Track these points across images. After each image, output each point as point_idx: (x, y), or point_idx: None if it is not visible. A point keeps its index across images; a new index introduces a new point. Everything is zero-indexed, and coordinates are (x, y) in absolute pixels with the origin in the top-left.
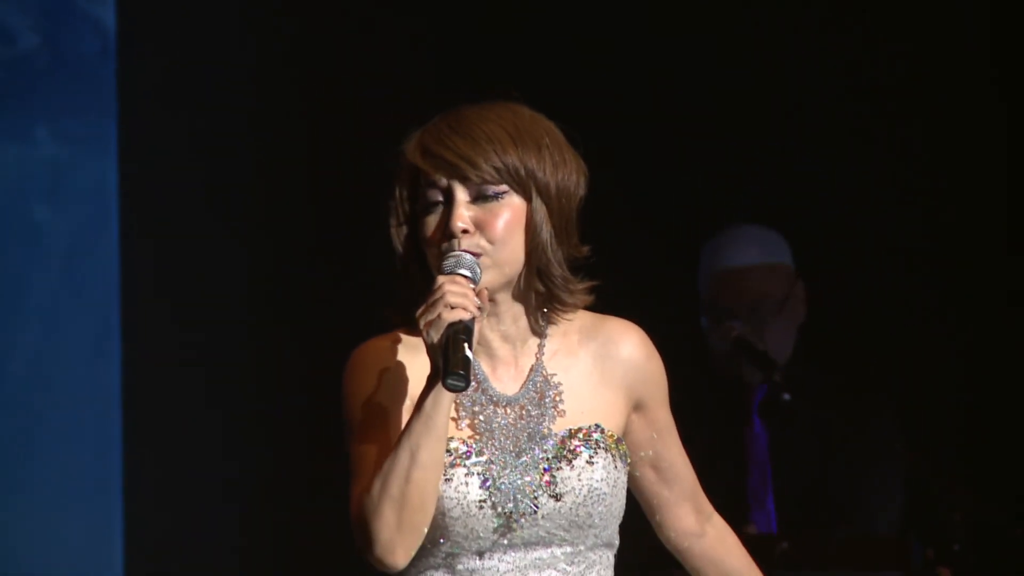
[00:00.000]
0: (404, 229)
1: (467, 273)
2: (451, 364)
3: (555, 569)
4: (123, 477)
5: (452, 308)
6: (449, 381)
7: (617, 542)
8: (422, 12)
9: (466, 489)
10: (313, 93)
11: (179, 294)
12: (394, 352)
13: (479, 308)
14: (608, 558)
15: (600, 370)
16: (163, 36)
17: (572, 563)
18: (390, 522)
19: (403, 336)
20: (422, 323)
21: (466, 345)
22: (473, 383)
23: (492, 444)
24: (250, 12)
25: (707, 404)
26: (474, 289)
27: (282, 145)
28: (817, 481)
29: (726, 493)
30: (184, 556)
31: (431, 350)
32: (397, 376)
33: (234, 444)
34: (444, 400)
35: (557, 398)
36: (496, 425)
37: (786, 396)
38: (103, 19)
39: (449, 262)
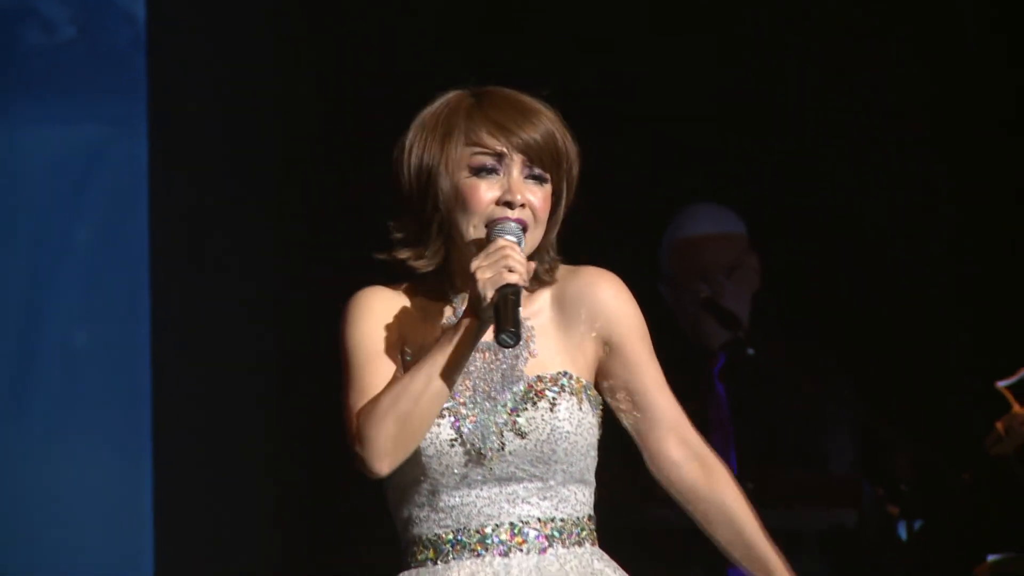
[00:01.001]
0: (450, 184)
1: (517, 240)
2: (506, 322)
3: (528, 503)
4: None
5: (510, 271)
6: (503, 337)
7: (592, 480)
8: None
9: (438, 429)
10: (330, 79)
11: (205, 258)
12: (394, 297)
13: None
14: (582, 494)
15: (570, 314)
16: (188, 27)
17: (544, 498)
18: (391, 433)
19: (396, 288)
20: (479, 276)
21: (519, 306)
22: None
23: (465, 386)
24: (270, 2)
25: (670, 370)
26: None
27: (300, 122)
28: (775, 431)
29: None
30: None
31: (478, 300)
32: (397, 318)
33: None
34: (471, 342)
35: (529, 340)
36: (472, 368)
37: (750, 351)
38: (134, 12)
39: (502, 227)
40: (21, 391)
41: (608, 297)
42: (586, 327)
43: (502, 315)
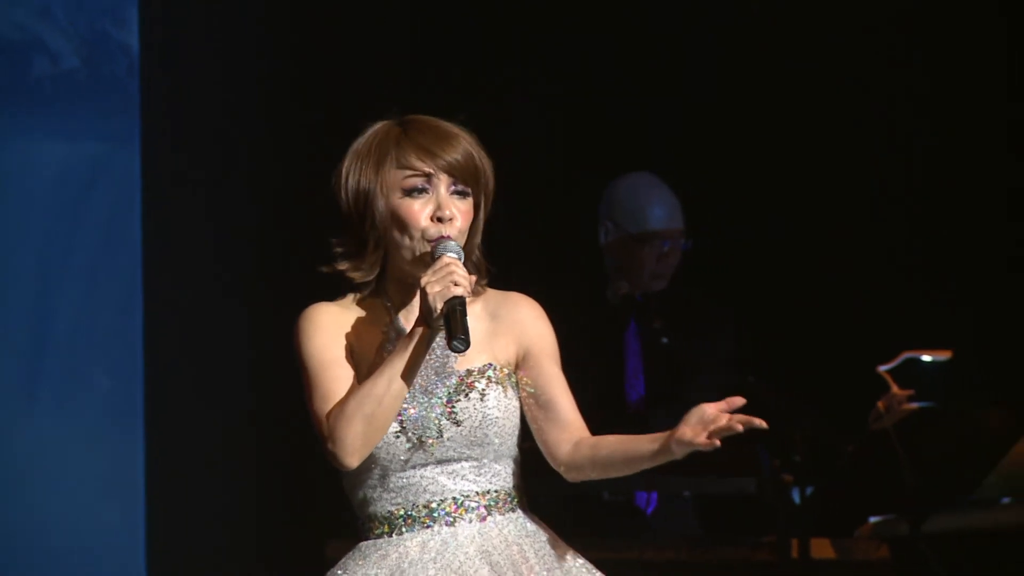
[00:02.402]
0: (384, 206)
1: (458, 256)
2: (457, 330)
3: (466, 479)
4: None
5: (456, 284)
6: (455, 343)
7: (517, 454)
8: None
9: None
10: (313, 100)
11: (192, 258)
12: (340, 311)
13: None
14: (511, 468)
15: (496, 325)
16: (176, 57)
17: (479, 473)
18: (359, 432)
19: (344, 300)
20: (429, 290)
21: (465, 315)
22: (393, 333)
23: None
24: (248, 34)
25: (599, 312)
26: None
27: (279, 138)
28: (668, 374)
29: (609, 375)
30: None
31: (429, 312)
32: (346, 328)
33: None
34: (425, 348)
35: None
36: None
37: (664, 340)
38: (129, 44)
39: (445, 245)
40: (30, 384)
41: (530, 318)
42: (510, 339)
43: (453, 324)
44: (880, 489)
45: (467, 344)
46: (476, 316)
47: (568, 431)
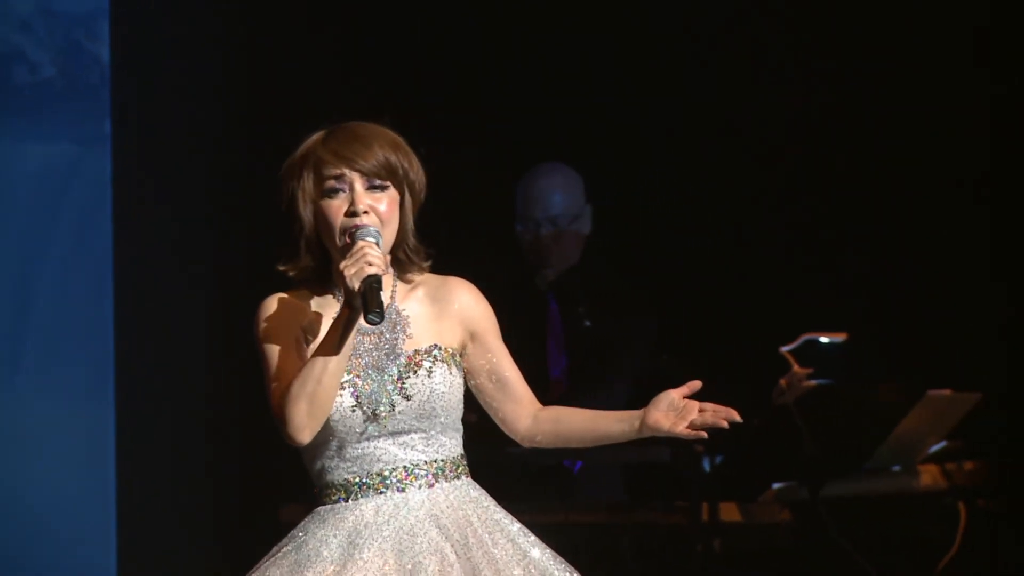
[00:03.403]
0: (310, 208)
1: (375, 240)
2: (372, 304)
3: (415, 449)
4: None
5: (371, 264)
6: (370, 317)
7: (461, 426)
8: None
9: (341, 398)
10: (268, 106)
11: (157, 250)
12: (293, 301)
13: (382, 266)
14: (456, 439)
15: (439, 309)
16: (143, 67)
17: (428, 444)
18: (303, 410)
19: (296, 292)
20: (346, 272)
21: (379, 290)
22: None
23: (358, 363)
24: (209, 45)
25: (522, 290)
26: (379, 249)
27: (237, 142)
28: (590, 354)
29: (532, 348)
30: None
31: (350, 293)
32: (298, 316)
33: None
34: (352, 327)
35: (406, 325)
36: (362, 349)
37: (587, 323)
38: (101, 55)
39: (363, 231)
40: (12, 364)
41: (471, 302)
42: (454, 322)
43: (368, 301)
44: (782, 458)
45: (381, 317)
46: (419, 300)
47: (522, 404)
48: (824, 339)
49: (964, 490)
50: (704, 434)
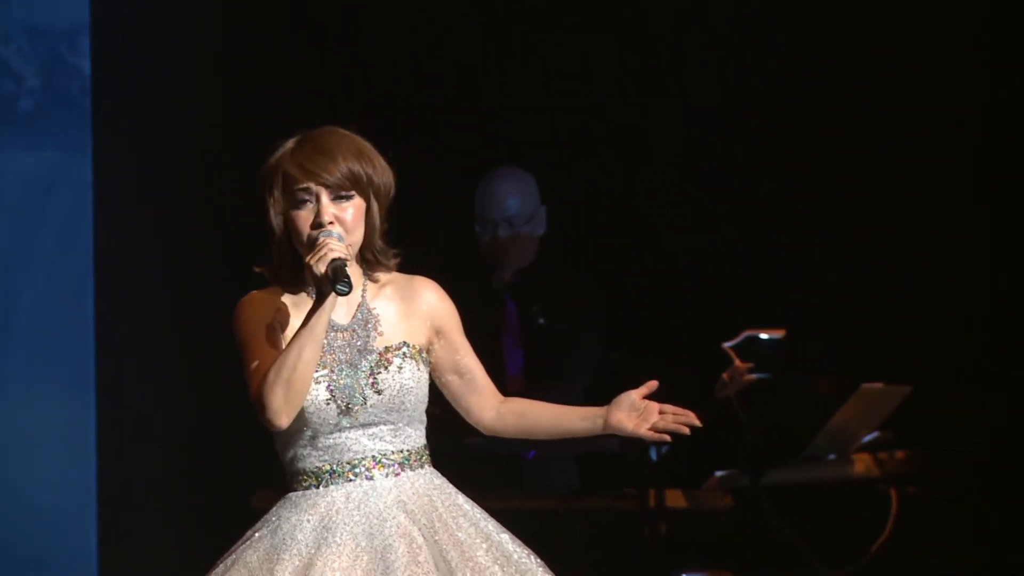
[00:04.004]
0: (280, 218)
1: (338, 238)
2: (340, 276)
3: (383, 440)
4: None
5: (332, 250)
6: (339, 288)
7: (425, 419)
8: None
9: (316, 393)
10: (244, 116)
11: (137, 251)
12: (270, 298)
13: (347, 256)
14: (420, 431)
15: (407, 307)
16: (123, 78)
17: (395, 436)
18: (280, 396)
19: (272, 290)
20: (311, 263)
21: (345, 267)
22: None
23: (332, 359)
24: (184, 56)
25: (480, 289)
26: (343, 245)
27: (213, 148)
28: (544, 351)
29: (489, 345)
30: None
31: (317, 280)
32: (275, 313)
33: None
34: (325, 315)
35: (377, 324)
36: (336, 345)
37: (541, 321)
38: (82, 67)
39: (324, 232)
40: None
41: (436, 300)
42: (421, 319)
43: (336, 276)
44: (725, 448)
45: (349, 287)
46: (388, 298)
47: (485, 395)
48: (764, 335)
49: (895, 477)
50: (668, 438)
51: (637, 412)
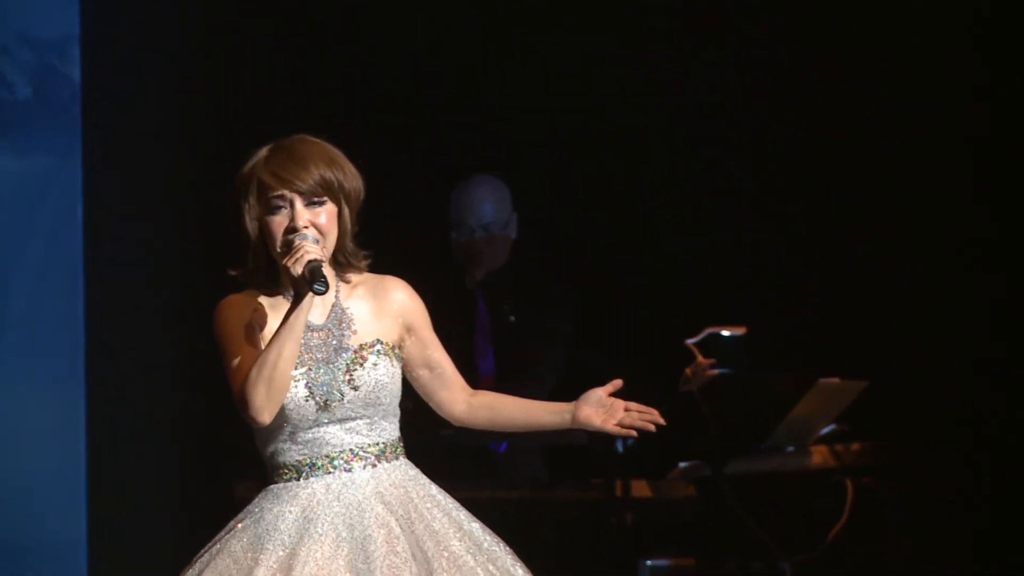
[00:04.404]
0: (256, 223)
1: (315, 240)
2: (316, 277)
3: (360, 434)
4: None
5: (308, 252)
6: (316, 287)
7: (399, 412)
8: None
9: (295, 391)
10: (228, 120)
11: (124, 253)
12: (248, 300)
13: (322, 257)
14: (395, 424)
15: (379, 306)
16: (111, 86)
17: (371, 428)
18: (261, 393)
19: (250, 292)
20: (289, 265)
21: (321, 267)
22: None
23: (310, 357)
24: (172, 65)
25: (453, 289)
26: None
27: (197, 153)
28: (515, 348)
29: (461, 343)
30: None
31: (295, 281)
32: (253, 314)
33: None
34: (303, 314)
35: (351, 323)
36: (312, 345)
37: (512, 319)
38: (73, 76)
39: (302, 235)
40: None
41: (406, 299)
42: (393, 318)
43: (312, 276)
44: (688, 440)
45: (326, 287)
46: (360, 297)
47: (455, 389)
48: (725, 332)
49: (851, 468)
50: (634, 433)
51: (604, 408)
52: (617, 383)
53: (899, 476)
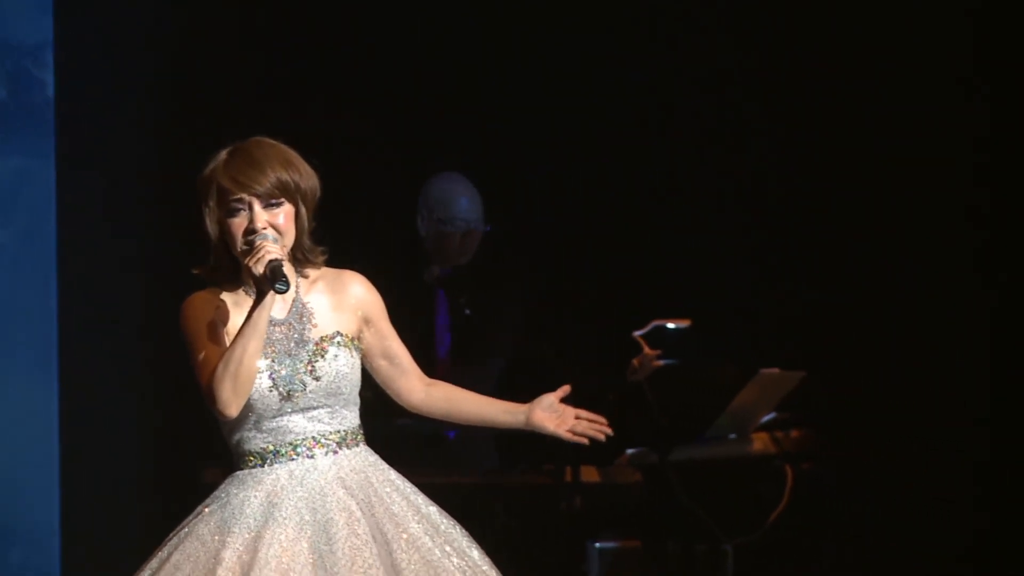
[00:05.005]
0: (216, 226)
1: (274, 240)
2: (278, 276)
3: (322, 422)
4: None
5: (269, 252)
6: (278, 287)
7: (359, 400)
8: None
9: (260, 382)
10: (194, 120)
11: (95, 250)
12: (211, 298)
13: (282, 256)
14: (355, 412)
15: (338, 300)
16: (83, 90)
17: (332, 417)
18: (228, 388)
19: (213, 290)
20: (251, 264)
21: (282, 267)
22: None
23: (273, 350)
24: (142, 67)
25: (414, 283)
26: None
27: (165, 155)
28: (470, 338)
29: (422, 333)
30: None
31: (257, 280)
32: (217, 311)
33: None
34: (265, 311)
35: (311, 316)
36: (275, 338)
37: (467, 312)
38: (46, 80)
39: (262, 235)
40: None
41: (363, 292)
42: (351, 311)
43: (274, 276)
44: (635, 427)
45: (287, 286)
46: (320, 291)
47: (412, 378)
48: (671, 325)
49: (790, 455)
50: (586, 440)
51: (556, 413)
52: (566, 388)
53: (838, 461)
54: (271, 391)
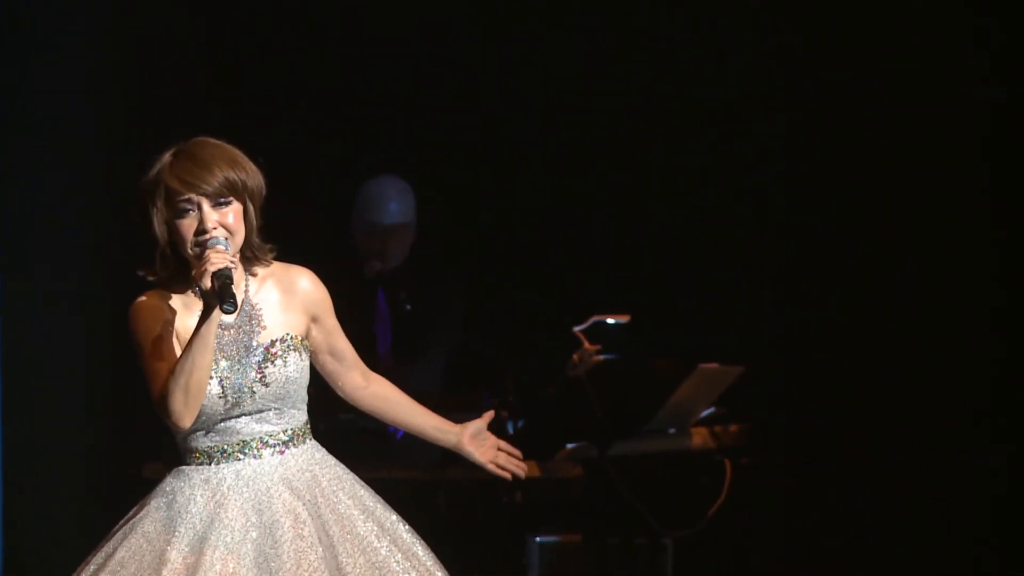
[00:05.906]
0: (164, 227)
1: (222, 246)
2: (226, 296)
3: (270, 423)
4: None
5: (214, 264)
6: (225, 307)
7: (306, 398)
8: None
9: (209, 388)
10: (131, 123)
11: (36, 244)
12: (160, 302)
13: (232, 262)
14: (302, 408)
15: (286, 298)
16: (22, 82)
17: (280, 418)
18: (180, 400)
19: (161, 292)
20: (198, 277)
21: (231, 284)
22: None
23: (222, 356)
24: (85, 69)
25: (356, 284)
26: (228, 252)
27: (111, 160)
28: (411, 333)
29: (362, 333)
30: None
31: (206, 294)
32: (166, 315)
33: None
34: (213, 325)
35: (260, 319)
36: (224, 343)
37: (408, 307)
38: None
39: (213, 240)
40: None
41: (311, 289)
42: (300, 309)
43: (221, 294)
44: (575, 422)
45: (235, 307)
46: (269, 289)
47: (355, 374)
48: (610, 320)
49: (729, 449)
50: (509, 476)
51: (484, 442)
52: (490, 415)
53: (775, 456)
54: (220, 398)
